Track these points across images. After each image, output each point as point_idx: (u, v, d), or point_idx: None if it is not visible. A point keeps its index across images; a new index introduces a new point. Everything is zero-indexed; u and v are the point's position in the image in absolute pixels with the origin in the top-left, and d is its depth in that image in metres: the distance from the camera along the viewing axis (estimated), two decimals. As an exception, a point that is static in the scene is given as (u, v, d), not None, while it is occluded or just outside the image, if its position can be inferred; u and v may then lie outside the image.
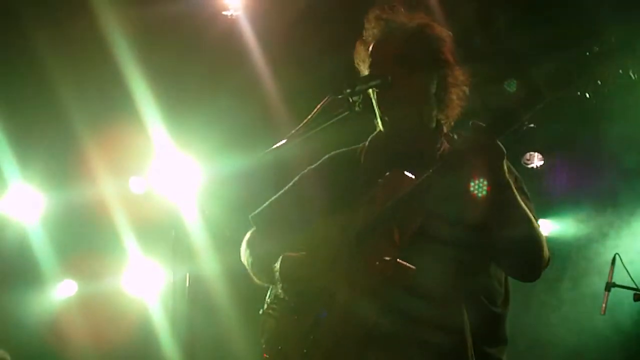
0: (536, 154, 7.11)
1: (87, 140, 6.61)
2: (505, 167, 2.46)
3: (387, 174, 2.60)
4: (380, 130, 2.86)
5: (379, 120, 2.81)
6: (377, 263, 2.42)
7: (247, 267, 2.94)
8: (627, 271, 6.15)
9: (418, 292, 2.46)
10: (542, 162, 7.08)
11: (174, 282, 2.46)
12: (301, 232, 2.76)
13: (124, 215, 6.96)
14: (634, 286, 6.06)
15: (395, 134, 2.78)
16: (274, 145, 2.66)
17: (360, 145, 2.95)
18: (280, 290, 2.72)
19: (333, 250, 2.60)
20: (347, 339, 2.48)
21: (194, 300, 2.43)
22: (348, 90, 2.59)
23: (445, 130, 2.79)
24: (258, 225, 2.96)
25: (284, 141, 2.65)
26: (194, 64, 6.30)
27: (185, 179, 5.91)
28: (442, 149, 2.76)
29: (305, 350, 2.53)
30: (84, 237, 7.15)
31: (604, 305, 6.00)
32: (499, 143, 2.41)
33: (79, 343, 7.13)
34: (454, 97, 2.78)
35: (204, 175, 6.06)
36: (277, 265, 2.68)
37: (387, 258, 2.41)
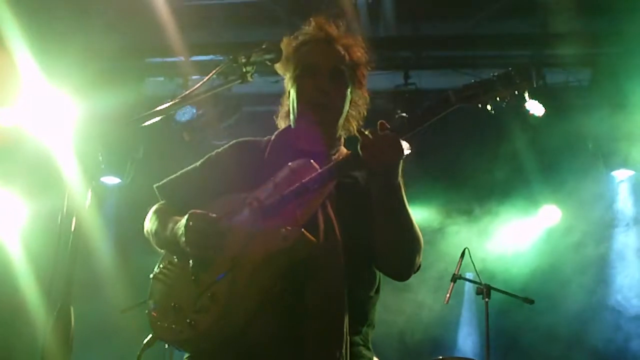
0: (404, 142, 7.23)
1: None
2: (400, 169, 2.67)
3: (297, 160, 2.78)
4: (287, 128, 3.04)
5: (293, 117, 2.97)
6: (283, 230, 2.58)
7: (150, 234, 2.98)
8: (474, 265, 6.42)
9: (312, 265, 2.63)
10: (409, 151, 7.21)
11: (60, 226, 2.40)
12: (206, 206, 2.80)
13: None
14: (478, 280, 6.34)
15: (306, 133, 2.94)
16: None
17: (266, 138, 3.08)
18: (177, 257, 2.82)
19: (237, 218, 2.73)
20: (242, 299, 2.60)
21: (65, 241, 2.39)
22: (243, 60, 2.68)
23: (342, 139, 3.05)
24: (166, 196, 3.05)
25: (176, 101, 2.67)
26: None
27: (57, 113, 5.75)
28: (338, 155, 2.97)
29: (200, 305, 2.63)
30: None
31: (448, 295, 6.24)
32: (401, 142, 2.64)
33: None
34: (355, 114, 3.06)
35: (77, 111, 5.92)
36: (184, 221, 2.73)
37: (292, 227, 2.58)
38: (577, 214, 8.06)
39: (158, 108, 2.58)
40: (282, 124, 3.11)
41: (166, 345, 2.75)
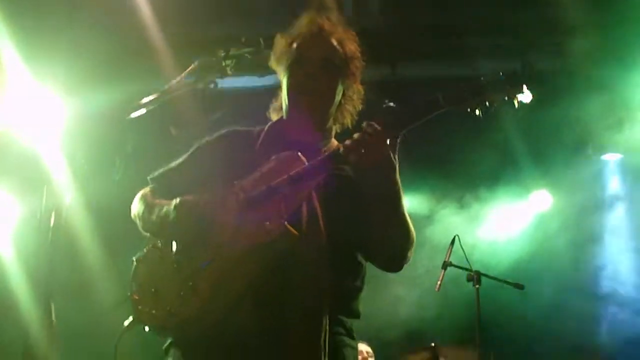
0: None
1: None
2: (393, 164, 2.70)
3: (284, 152, 2.81)
4: (280, 119, 3.08)
5: (285, 106, 3.01)
6: (267, 224, 2.61)
7: (136, 217, 3.00)
8: (464, 252, 6.48)
9: (295, 257, 2.66)
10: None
11: (39, 222, 2.43)
12: (195, 193, 2.84)
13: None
14: (469, 267, 6.40)
15: (297, 123, 2.98)
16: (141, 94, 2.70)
17: (258, 128, 3.11)
18: (161, 241, 2.85)
19: (222, 209, 2.74)
20: (224, 290, 2.64)
21: (55, 243, 2.42)
22: (222, 54, 2.70)
23: (333, 131, 3.09)
24: (158, 184, 3.07)
25: (152, 97, 2.70)
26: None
27: (44, 111, 5.73)
28: (328, 147, 3.00)
29: (182, 293, 2.67)
30: None
31: (439, 282, 6.29)
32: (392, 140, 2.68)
33: None
34: (350, 107, 3.09)
35: (64, 109, 5.90)
36: (172, 207, 2.77)
37: (277, 220, 2.61)
38: (567, 198, 8.10)
39: (140, 101, 2.61)
40: (275, 117, 3.14)
41: (146, 329, 2.77)
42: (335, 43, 3.00)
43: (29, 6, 6.03)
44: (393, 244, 2.84)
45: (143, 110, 2.66)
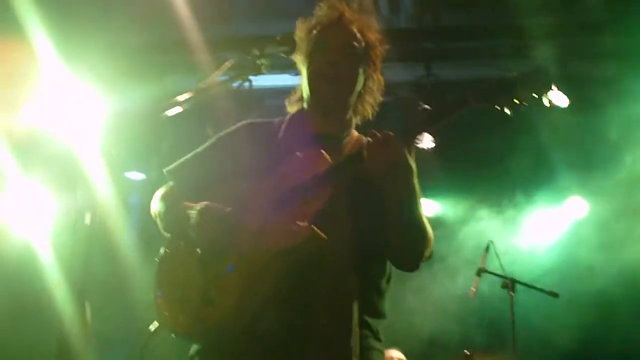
0: (427, 134, 7.17)
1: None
2: (408, 167, 2.67)
3: (306, 150, 2.77)
4: (300, 110, 3.04)
5: (306, 95, 2.98)
6: (294, 226, 2.57)
7: (157, 216, 2.95)
8: (498, 258, 6.46)
9: (321, 260, 2.62)
10: (433, 144, 7.12)
11: (74, 220, 2.41)
12: (216, 191, 2.80)
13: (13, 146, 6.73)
14: (503, 274, 6.35)
15: (317, 114, 2.95)
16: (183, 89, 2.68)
17: (277, 120, 3.07)
18: (183, 243, 2.78)
19: (247, 211, 2.69)
20: (251, 294, 2.59)
21: (91, 241, 2.40)
22: (256, 52, 2.67)
23: (353, 122, 3.05)
24: (174, 179, 3.00)
25: (187, 95, 2.67)
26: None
27: (80, 109, 5.76)
28: (349, 138, 2.99)
29: (207, 298, 2.61)
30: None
31: (473, 289, 6.26)
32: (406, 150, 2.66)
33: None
34: (370, 99, 3.05)
35: (100, 107, 5.92)
36: (195, 213, 2.71)
37: (304, 223, 2.56)
38: (603, 205, 8.00)
39: (176, 99, 2.59)
40: (292, 109, 3.09)
41: (172, 335, 2.71)
42: (355, 30, 2.96)
43: (65, 2, 6.06)
44: (408, 244, 2.81)
45: (179, 109, 2.63)
